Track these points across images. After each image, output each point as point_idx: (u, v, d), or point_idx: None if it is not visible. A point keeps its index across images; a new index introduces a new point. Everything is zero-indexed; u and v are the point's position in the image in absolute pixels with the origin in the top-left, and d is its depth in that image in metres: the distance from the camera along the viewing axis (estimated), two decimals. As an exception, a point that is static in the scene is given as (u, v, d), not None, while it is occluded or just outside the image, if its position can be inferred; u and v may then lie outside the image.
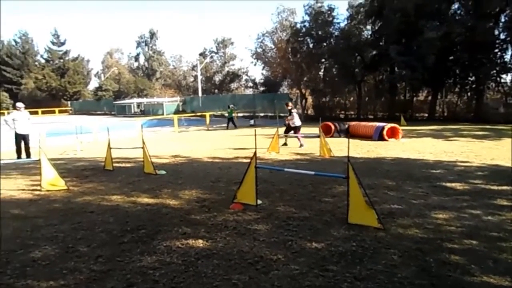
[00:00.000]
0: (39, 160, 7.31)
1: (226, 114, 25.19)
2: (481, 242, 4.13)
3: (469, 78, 26.85)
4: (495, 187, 6.61)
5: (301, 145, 12.79)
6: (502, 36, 25.04)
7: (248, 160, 5.86)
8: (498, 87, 27.13)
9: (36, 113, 44.44)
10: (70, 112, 60.32)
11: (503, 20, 24.73)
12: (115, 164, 9.49)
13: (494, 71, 25.29)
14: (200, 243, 4.34)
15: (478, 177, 7.54)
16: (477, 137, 15.01)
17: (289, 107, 13.56)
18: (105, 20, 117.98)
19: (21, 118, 11.42)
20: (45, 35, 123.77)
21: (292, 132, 13.19)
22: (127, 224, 5.07)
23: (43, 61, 69.69)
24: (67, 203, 6.32)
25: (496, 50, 24.99)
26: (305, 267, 3.65)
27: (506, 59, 25.44)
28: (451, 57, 25.83)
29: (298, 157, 10.91)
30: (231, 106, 25.69)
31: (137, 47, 73.29)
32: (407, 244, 4.14)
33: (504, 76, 26.22)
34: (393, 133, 14.67)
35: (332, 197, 6.23)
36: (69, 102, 64.10)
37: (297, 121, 13.13)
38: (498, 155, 10.24)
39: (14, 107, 12.37)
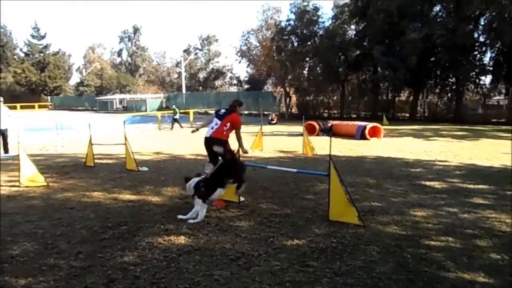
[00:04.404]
0: (18, 155, 7.18)
1: (174, 115, 23.10)
2: (457, 239, 4.25)
3: (449, 79, 27.39)
4: (471, 186, 6.80)
5: None
6: (481, 39, 25.68)
7: (231, 157, 5.86)
8: (477, 89, 27.79)
9: (15, 108, 43.31)
10: (50, 107, 59.01)
11: (482, 23, 25.35)
12: (96, 161, 9.37)
13: (473, 73, 25.85)
14: (182, 239, 4.34)
15: (455, 176, 7.74)
16: (456, 137, 15.38)
17: None
18: (87, 14, 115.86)
19: (1, 113, 11.14)
20: (25, 28, 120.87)
21: None
22: (108, 221, 5.03)
23: (22, 54, 67.78)
24: (47, 199, 6.22)
25: (476, 53, 25.58)
26: (286, 263, 3.70)
27: (484, 61, 26.15)
28: (432, 58, 26.28)
29: (282, 155, 10.97)
30: (173, 106, 24.78)
31: (120, 42, 72.34)
32: (386, 241, 4.23)
33: (482, 78, 26.92)
34: (374, 133, 14.90)
35: (314, 194, 6.30)
36: (49, 97, 62.65)
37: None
38: (476, 155, 10.52)
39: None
